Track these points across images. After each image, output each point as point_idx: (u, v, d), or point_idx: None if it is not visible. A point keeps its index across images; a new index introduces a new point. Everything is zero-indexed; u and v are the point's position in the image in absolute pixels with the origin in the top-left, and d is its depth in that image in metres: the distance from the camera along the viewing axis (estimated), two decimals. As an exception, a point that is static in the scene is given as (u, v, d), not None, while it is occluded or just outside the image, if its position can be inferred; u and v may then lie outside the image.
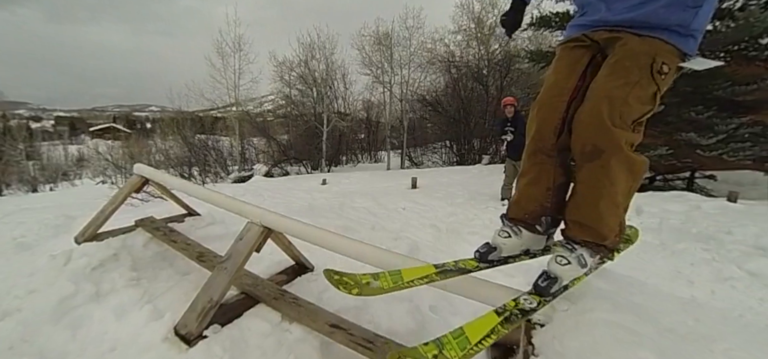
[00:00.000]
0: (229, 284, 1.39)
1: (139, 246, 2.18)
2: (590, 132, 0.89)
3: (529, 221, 1.03)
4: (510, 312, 0.89)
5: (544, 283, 0.93)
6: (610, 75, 0.91)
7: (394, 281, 0.95)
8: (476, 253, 1.02)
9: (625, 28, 0.93)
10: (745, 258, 2.64)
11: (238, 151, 13.30)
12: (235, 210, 1.64)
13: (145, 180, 2.29)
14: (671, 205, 4.23)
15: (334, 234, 1.40)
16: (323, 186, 7.09)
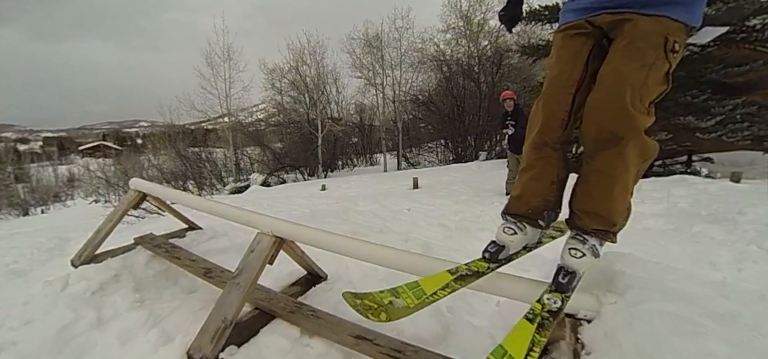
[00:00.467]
0: (243, 301, 1.30)
1: (141, 266, 2.07)
2: (608, 118, 0.87)
3: (532, 216, 1.01)
4: (541, 317, 0.86)
5: (564, 279, 0.91)
6: (624, 58, 0.87)
7: (418, 296, 0.91)
8: (486, 253, 1.00)
9: (630, 8, 0.89)
10: (762, 238, 2.61)
11: (232, 162, 13.11)
12: (242, 221, 1.55)
13: (142, 195, 2.19)
14: (677, 189, 4.22)
15: (352, 239, 1.32)
16: (323, 192, 6.99)
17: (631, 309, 0.89)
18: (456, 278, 0.95)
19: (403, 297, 0.90)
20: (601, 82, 0.90)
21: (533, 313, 0.86)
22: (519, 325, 0.85)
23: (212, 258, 2.23)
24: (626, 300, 0.93)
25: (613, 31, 0.93)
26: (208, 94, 12.97)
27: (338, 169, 15.45)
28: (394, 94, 14.33)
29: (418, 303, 0.89)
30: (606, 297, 0.96)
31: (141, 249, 2.16)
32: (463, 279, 0.95)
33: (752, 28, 5.03)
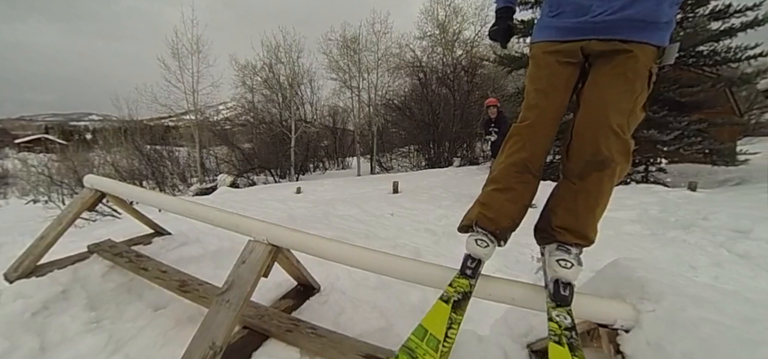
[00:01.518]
0: (235, 322, 1.10)
1: (97, 278, 1.76)
2: (603, 143, 0.89)
3: (499, 235, 1.03)
4: (562, 336, 0.85)
5: (566, 292, 0.91)
6: (615, 85, 0.90)
7: (434, 348, 0.88)
8: (468, 270, 1.01)
9: (619, 36, 0.91)
10: (731, 242, 2.77)
11: (197, 161, 12.23)
12: (229, 226, 1.34)
13: (100, 194, 1.87)
14: (645, 197, 4.47)
15: (364, 249, 1.16)
16: (298, 195, 6.68)
17: (672, 317, 0.87)
18: (452, 307, 0.94)
19: (421, 355, 0.86)
20: (591, 105, 0.92)
21: (556, 334, 0.86)
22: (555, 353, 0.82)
23: (184, 267, 1.97)
24: (664, 307, 0.90)
25: (601, 58, 0.94)
26: (173, 88, 12.01)
27: (310, 172, 15.03)
28: (370, 98, 14.23)
29: (439, 355, 0.85)
30: (643, 305, 0.93)
31: (97, 258, 1.84)
32: (459, 305, 0.94)
33: (700, 53, 5.57)
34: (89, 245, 1.92)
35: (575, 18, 0.95)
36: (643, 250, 2.72)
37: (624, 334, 0.92)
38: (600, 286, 1.30)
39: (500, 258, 3.08)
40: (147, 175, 10.71)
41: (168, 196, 1.61)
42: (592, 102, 0.92)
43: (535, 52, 1.04)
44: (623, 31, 0.89)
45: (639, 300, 0.95)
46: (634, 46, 0.89)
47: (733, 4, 5.27)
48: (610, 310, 0.94)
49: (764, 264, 2.57)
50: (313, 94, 14.96)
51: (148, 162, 10.88)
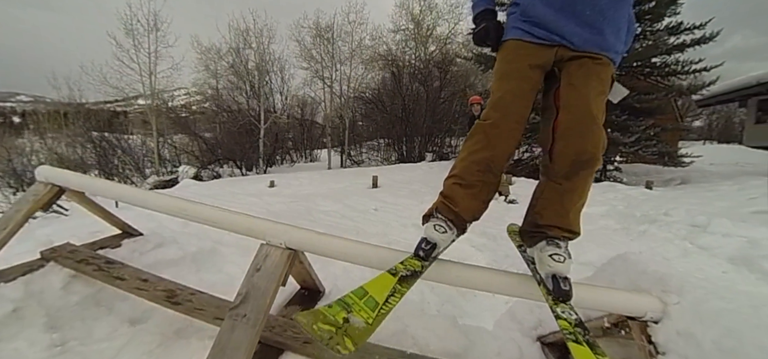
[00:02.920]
0: (255, 340, 0.95)
1: (55, 291, 1.48)
2: (588, 141, 0.93)
3: (457, 224, 1.05)
4: (575, 334, 0.85)
5: (566, 287, 0.93)
6: (591, 86, 0.95)
7: (372, 307, 0.86)
8: (421, 252, 1.01)
9: (589, 50, 0.98)
10: (693, 236, 3.03)
11: (155, 151, 11.13)
12: (238, 228, 1.17)
13: (57, 190, 1.57)
14: (610, 194, 4.80)
15: (399, 252, 1.07)
16: (272, 188, 6.34)
17: (698, 308, 0.93)
18: (399, 280, 0.94)
19: (357, 312, 0.84)
20: (573, 105, 0.94)
21: (570, 333, 0.85)
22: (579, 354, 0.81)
23: (162, 272, 1.76)
24: (689, 299, 0.96)
25: (572, 62, 0.98)
26: (126, 69, 10.77)
27: (277, 164, 14.41)
28: (341, 89, 13.90)
29: (375, 316, 0.84)
30: (668, 297, 0.99)
31: (54, 267, 1.55)
32: (406, 279, 0.95)
33: (654, 65, 6.12)
34: (42, 251, 1.61)
35: (553, 28, 0.98)
36: (620, 244, 2.90)
37: (654, 325, 0.96)
38: (615, 279, 1.35)
39: (489, 252, 3.13)
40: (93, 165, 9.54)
41: (156, 193, 1.37)
42: (573, 102, 0.94)
43: (507, 49, 1.05)
44: (587, 46, 0.97)
45: (663, 293, 1.00)
46: (600, 57, 0.97)
47: (683, 22, 5.81)
48: (640, 303, 0.99)
49: (722, 255, 2.82)
50: (284, 83, 14.28)
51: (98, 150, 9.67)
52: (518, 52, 1.01)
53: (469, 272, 1.06)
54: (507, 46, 1.04)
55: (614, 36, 0.97)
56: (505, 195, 4.62)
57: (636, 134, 5.60)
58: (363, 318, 0.83)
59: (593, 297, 1.03)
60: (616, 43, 0.99)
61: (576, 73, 0.96)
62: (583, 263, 2.76)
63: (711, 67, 5.71)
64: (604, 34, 0.95)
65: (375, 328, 0.83)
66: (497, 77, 1.05)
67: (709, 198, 4.67)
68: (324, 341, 0.75)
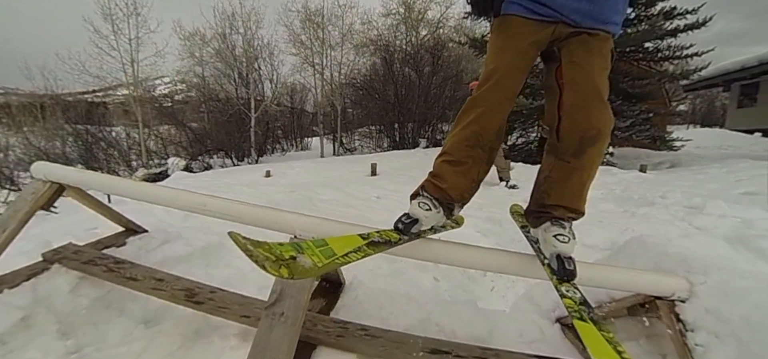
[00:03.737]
0: (295, 337, 0.92)
1: (63, 295, 1.40)
2: (594, 116, 0.92)
3: (446, 204, 1.04)
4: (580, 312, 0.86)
5: (570, 267, 0.95)
6: (594, 62, 0.94)
7: (327, 255, 0.84)
8: (399, 224, 1.01)
9: (587, 24, 0.97)
10: (691, 217, 3.10)
11: (141, 143, 10.69)
12: (266, 223, 1.12)
13: (58, 188, 1.46)
14: (606, 178, 4.88)
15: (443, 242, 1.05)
16: (268, 178, 6.22)
17: (724, 287, 0.97)
18: (368, 243, 0.94)
19: (309, 255, 0.82)
20: (579, 82, 0.94)
21: (576, 310, 0.86)
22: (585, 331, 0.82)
23: (171, 269, 1.71)
24: (715, 279, 1.00)
25: (571, 40, 0.98)
26: (106, 56, 10.20)
27: (268, 153, 14.14)
28: (332, 76, 13.60)
29: (326, 262, 0.82)
30: (694, 277, 1.03)
31: (59, 269, 1.46)
32: (375, 245, 0.94)
33: (647, 50, 6.19)
34: (44, 253, 1.52)
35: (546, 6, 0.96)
36: (623, 226, 2.94)
37: (681, 304, 1.00)
38: (635, 261, 1.39)
39: (494, 237, 3.15)
40: (76, 160, 9.12)
41: (172, 189, 1.30)
42: (578, 79, 0.94)
43: (504, 24, 1.02)
44: (587, 21, 0.95)
45: (688, 274, 1.05)
46: (599, 31, 0.96)
47: (676, 6, 5.86)
48: (668, 284, 1.03)
49: (719, 235, 2.89)
50: (274, 70, 13.86)
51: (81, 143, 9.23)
52: (515, 27, 0.99)
53: (474, 253, 1.06)
54: (504, 20, 1.02)
55: (612, 9, 0.96)
56: (507, 180, 4.65)
57: (631, 119, 5.70)
58: (313, 261, 0.81)
59: (622, 279, 1.06)
60: (613, 15, 0.97)
61: (577, 50, 0.95)
62: (589, 246, 2.81)
63: (702, 52, 5.82)
64: (603, 8, 0.94)
65: (321, 272, 0.82)
66: (492, 51, 1.03)
67: (700, 181, 4.80)
68: (254, 258, 0.71)
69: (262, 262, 0.72)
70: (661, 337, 1.20)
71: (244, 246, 0.73)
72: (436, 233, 1.14)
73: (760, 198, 3.81)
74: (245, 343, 1.26)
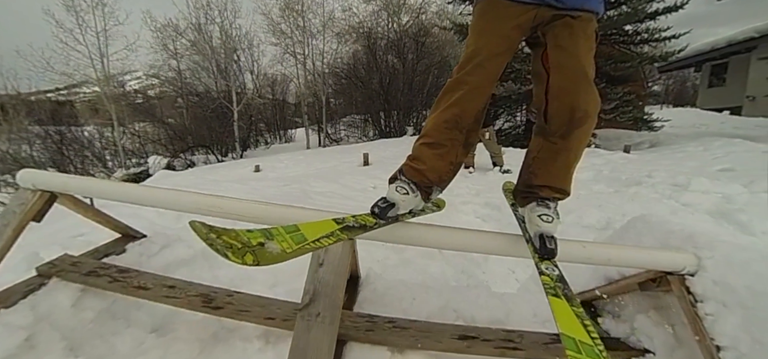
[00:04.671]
0: (334, 337, 0.90)
1: (66, 310, 1.31)
2: (581, 98, 0.93)
3: (424, 187, 1.04)
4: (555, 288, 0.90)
5: (551, 246, 0.96)
6: (579, 45, 0.95)
7: (297, 241, 0.83)
8: (376, 209, 1.00)
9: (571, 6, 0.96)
10: (677, 194, 3.25)
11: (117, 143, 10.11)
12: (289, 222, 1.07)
13: (49, 196, 1.35)
14: (594, 159, 5.03)
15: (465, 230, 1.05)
16: (257, 173, 6.06)
17: (729, 259, 1.03)
18: (342, 228, 0.93)
19: (279, 241, 0.81)
20: (565, 65, 0.94)
21: (551, 287, 0.89)
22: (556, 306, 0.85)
23: (175, 273, 1.65)
24: (720, 253, 1.06)
25: (555, 24, 0.97)
26: (73, 51, 9.51)
27: (252, 148, 13.77)
28: (315, 66, 13.29)
29: (297, 248, 0.81)
30: (702, 252, 1.08)
31: (58, 283, 1.36)
32: (350, 229, 0.94)
33: (626, 32, 6.35)
34: (39, 267, 1.41)
35: None
36: (616, 206, 3.05)
37: (690, 278, 1.06)
38: (642, 239, 1.44)
39: (494, 222, 3.21)
40: (46, 163, 8.55)
41: (180, 192, 1.22)
42: (564, 62, 0.94)
43: (487, 5, 1.01)
44: (571, 2, 0.94)
45: (695, 249, 1.10)
46: (582, 12, 0.95)
47: (655, -12, 6.01)
48: (678, 260, 1.08)
49: (703, 210, 3.04)
50: (254, 61, 13.36)
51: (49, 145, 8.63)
52: (498, 10, 0.98)
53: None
54: (487, 3, 1.01)
55: None
56: (500, 165, 4.72)
57: (614, 101, 5.88)
58: (282, 247, 0.80)
59: (636, 257, 1.12)
60: None
61: (561, 33, 0.95)
62: (586, 226, 2.90)
63: (679, 34, 6.03)
64: None
65: (290, 258, 0.80)
66: (474, 32, 1.02)
67: (680, 159, 5.03)
68: (214, 247, 0.69)
69: (224, 251, 0.70)
70: (668, 309, 1.27)
71: (205, 236, 0.71)
72: (415, 217, 1.14)
73: (736, 174, 4.03)
74: (269, 345, 1.23)
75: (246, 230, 0.80)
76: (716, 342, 0.95)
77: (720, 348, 0.94)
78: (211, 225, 0.76)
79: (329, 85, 14.33)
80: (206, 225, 0.75)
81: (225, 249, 0.71)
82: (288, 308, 1.21)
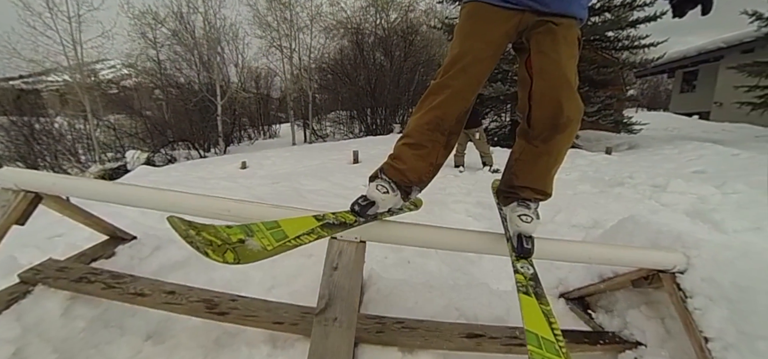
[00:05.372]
0: (352, 342, 0.91)
1: (56, 319, 1.23)
2: (564, 104, 0.94)
3: (403, 186, 1.05)
4: (528, 286, 0.93)
5: (529, 245, 1.00)
6: (562, 51, 0.96)
7: (278, 238, 0.83)
8: (356, 206, 1.01)
9: (554, 11, 0.98)
10: (657, 194, 3.41)
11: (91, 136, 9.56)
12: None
13: (33, 197, 1.26)
14: (579, 160, 5.20)
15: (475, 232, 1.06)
16: (244, 170, 5.91)
17: (715, 258, 1.12)
18: (322, 225, 0.93)
19: (259, 238, 0.81)
20: (548, 71, 0.95)
21: (523, 285, 0.93)
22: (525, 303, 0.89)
23: (167, 277, 1.59)
24: (706, 252, 1.15)
25: (539, 30, 0.98)
26: (42, 37, 8.87)
27: (235, 143, 13.40)
28: (301, 61, 13.05)
29: (277, 245, 0.81)
30: (691, 251, 1.16)
31: (45, 290, 1.27)
32: (330, 227, 0.95)
33: (609, 38, 6.61)
34: (21, 274, 1.31)
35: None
36: (602, 206, 3.16)
37: (680, 275, 1.14)
38: (634, 239, 1.50)
39: (486, 221, 3.26)
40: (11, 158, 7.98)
41: (189, 194, 1.16)
42: (546, 69, 0.95)
43: (472, 9, 1.02)
44: (554, 6, 0.96)
45: (684, 248, 1.18)
46: (565, 18, 0.97)
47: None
48: (669, 259, 1.16)
49: (680, 210, 3.19)
50: (239, 54, 12.94)
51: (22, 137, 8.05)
52: (484, 14, 0.99)
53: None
54: (472, 7, 1.02)
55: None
56: (490, 165, 4.80)
57: (597, 104, 6.11)
58: (263, 244, 0.79)
59: (631, 257, 1.21)
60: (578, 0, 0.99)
61: (544, 40, 0.96)
62: (574, 225, 2.99)
63: (657, 42, 6.35)
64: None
65: (271, 255, 0.80)
66: (460, 35, 1.02)
67: (658, 161, 5.28)
68: (194, 244, 0.69)
69: (204, 248, 0.69)
70: (658, 303, 1.36)
71: (184, 233, 0.69)
72: (393, 215, 1.16)
73: (708, 176, 4.28)
74: (278, 350, 1.21)
75: (225, 226, 0.79)
76: (705, 333, 1.03)
77: (708, 339, 1.02)
78: (190, 221, 0.74)
79: (315, 81, 14.12)
80: (185, 221, 0.73)
81: (205, 246, 0.70)
82: (295, 311, 1.20)
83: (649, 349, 1.25)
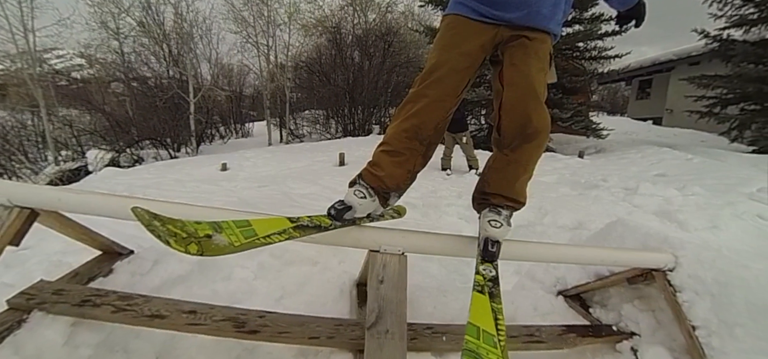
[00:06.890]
0: (405, 352, 0.93)
1: (58, 348, 1.12)
2: (532, 115, 0.97)
3: (382, 193, 1.08)
4: (486, 286, 0.98)
5: (493, 248, 1.03)
6: (532, 64, 0.99)
7: (247, 236, 0.85)
8: (332, 210, 1.03)
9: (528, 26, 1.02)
10: (629, 196, 3.69)
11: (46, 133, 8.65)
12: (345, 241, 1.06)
13: (28, 214, 1.14)
14: (555, 163, 5.48)
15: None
16: (225, 172, 5.64)
17: (698, 257, 1.30)
18: (295, 227, 0.95)
19: (227, 234, 0.82)
20: (517, 83, 0.99)
21: (480, 285, 0.97)
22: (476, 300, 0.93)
23: (170, 292, 1.52)
24: (690, 252, 1.32)
25: (512, 43, 1.03)
26: None
27: (207, 142, 12.75)
28: (278, 59, 12.69)
29: (245, 242, 0.83)
30: (678, 252, 1.33)
31: (42, 317, 1.15)
32: (303, 229, 0.96)
33: (579, 48, 7.06)
34: (11, 300, 1.17)
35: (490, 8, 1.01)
36: (582, 208, 3.36)
37: (670, 273, 1.30)
38: (624, 241, 1.65)
39: (476, 223, 3.37)
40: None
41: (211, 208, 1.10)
42: (516, 81, 0.99)
43: (450, 23, 1.06)
44: (529, 21, 1.00)
45: (671, 249, 1.35)
46: (538, 33, 1.02)
47: (603, 13, 6.75)
48: (660, 259, 1.32)
49: (650, 211, 3.47)
50: (213, 49, 12.29)
51: None
52: (461, 27, 1.03)
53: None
54: (451, 19, 1.06)
55: (550, 9, 1.01)
56: (476, 168, 4.94)
57: (571, 110, 6.52)
58: (231, 240, 0.80)
59: (628, 258, 1.36)
60: (552, 17, 1.02)
61: (516, 53, 1.00)
62: (561, 227, 3.16)
63: (623, 54, 6.91)
64: (541, 9, 0.99)
65: (238, 251, 0.81)
66: (437, 47, 1.06)
67: (624, 165, 5.70)
68: (156, 233, 0.70)
69: (166, 238, 0.70)
70: (649, 298, 1.52)
71: (148, 223, 0.70)
72: (374, 221, 1.16)
73: (669, 179, 4.69)
74: (311, 364, 1.18)
75: (194, 221, 0.79)
76: (692, 323, 1.20)
77: (695, 327, 1.19)
78: (155, 213, 0.74)
79: (291, 79, 13.77)
80: (150, 212, 0.73)
81: (167, 236, 0.70)
82: (328, 324, 1.19)
83: (643, 338, 1.41)
